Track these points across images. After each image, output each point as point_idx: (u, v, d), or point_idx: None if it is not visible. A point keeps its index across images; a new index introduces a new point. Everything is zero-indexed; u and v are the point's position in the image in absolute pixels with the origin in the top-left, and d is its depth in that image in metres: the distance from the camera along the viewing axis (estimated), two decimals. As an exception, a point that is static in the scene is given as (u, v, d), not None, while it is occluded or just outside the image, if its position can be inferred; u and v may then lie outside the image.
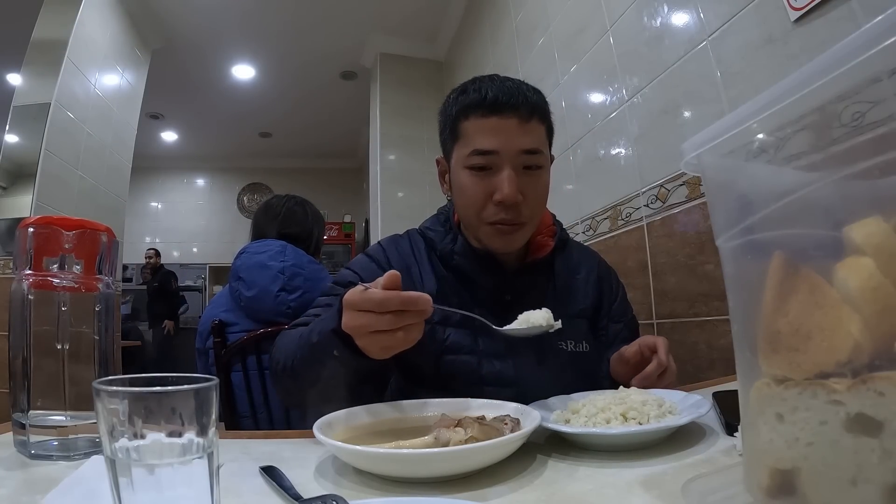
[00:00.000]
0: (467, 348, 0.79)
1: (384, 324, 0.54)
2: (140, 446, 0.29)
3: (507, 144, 0.75)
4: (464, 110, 0.78)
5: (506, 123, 0.75)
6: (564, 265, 0.91)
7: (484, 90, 0.76)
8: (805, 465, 0.28)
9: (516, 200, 0.75)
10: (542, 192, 0.80)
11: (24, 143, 2.48)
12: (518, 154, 0.75)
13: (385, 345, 0.55)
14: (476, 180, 0.77)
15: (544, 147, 0.79)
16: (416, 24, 3.65)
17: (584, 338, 0.86)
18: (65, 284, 0.53)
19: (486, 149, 0.75)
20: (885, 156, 0.24)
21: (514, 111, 0.74)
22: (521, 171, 0.76)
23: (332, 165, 6.64)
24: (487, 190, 0.76)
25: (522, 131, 0.75)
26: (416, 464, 0.44)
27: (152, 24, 3.47)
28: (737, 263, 0.35)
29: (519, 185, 0.75)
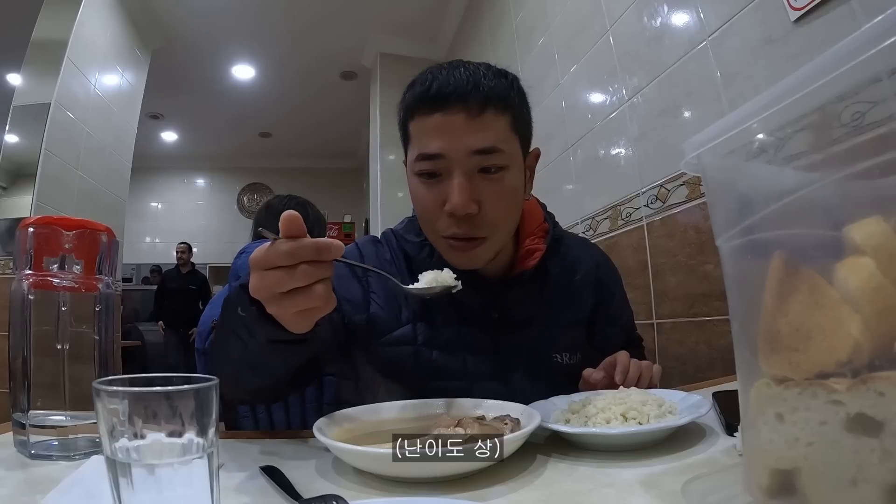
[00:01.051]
0: (456, 372, 0.73)
1: (298, 279, 0.44)
2: (140, 446, 0.29)
3: (454, 146, 0.64)
4: (409, 109, 0.68)
5: (451, 121, 0.63)
6: (559, 267, 0.81)
7: (429, 82, 0.65)
8: (805, 465, 0.28)
9: (469, 211, 0.64)
10: (507, 198, 0.67)
11: (24, 143, 2.49)
12: (468, 156, 0.64)
13: (303, 306, 0.46)
14: (426, 189, 0.67)
15: (506, 143, 0.66)
16: (416, 24, 3.65)
17: (580, 348, 0.79)
18: (65, 284, 0.53)
19: (429, 152, 0.65)
20: (885, 156, 0.24)
21: (460, 104, 0.63)
22: (475, 176, 0.65)
23: (332, 165, 6.64)
24: (438, 199, 0.66)
25: (472, 128, 0.63)
26: (416, 464, 0.44)
27: (152, 24, 3.47)
28: (737, 263, 0.35)
29: (474, 192, 0.64)
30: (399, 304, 0.76)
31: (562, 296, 0.80)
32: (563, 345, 0.77)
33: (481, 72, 0.66)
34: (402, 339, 0.74)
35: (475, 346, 0.74)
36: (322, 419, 0.55)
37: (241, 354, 0.54)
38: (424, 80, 0.66)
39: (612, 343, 0.83)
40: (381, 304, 0.75)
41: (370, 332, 0.74)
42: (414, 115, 0.67)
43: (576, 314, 0.81)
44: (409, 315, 0.75)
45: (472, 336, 0.74)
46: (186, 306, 4.69)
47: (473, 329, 0.75)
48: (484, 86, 0.64)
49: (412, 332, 0.74)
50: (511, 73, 0.72)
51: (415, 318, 0.75)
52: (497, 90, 0.65)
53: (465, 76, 0.64)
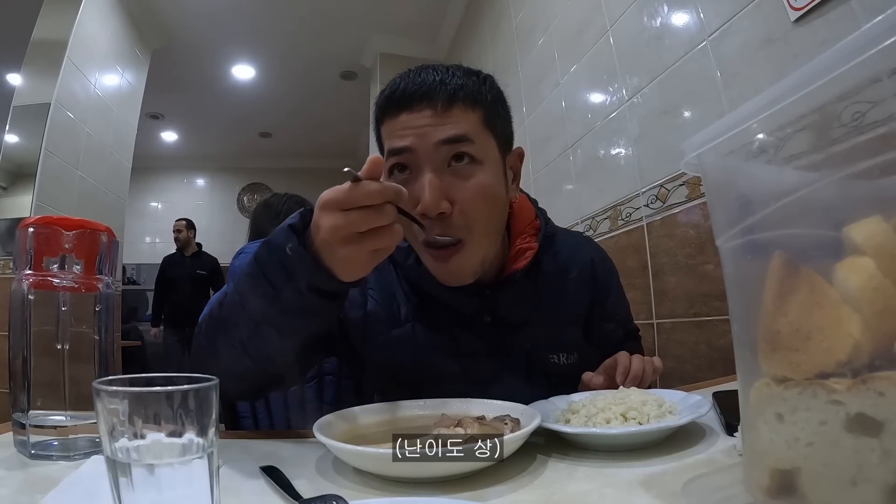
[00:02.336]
0: (451, 376, 0.72)
1: (386, 216, 0.46)
2: (140, 446, 0.29)
3: (421, 139, 0.61)
4: (380, 114, 0.67)
5: (418, 117, 0.62)
6: (553, 265, 0.79)
7: (395, 85, 0.64)
8: (805, 465, 0.28)
9: (440, 210, 0.61)
10: (481, 195, 0.63)
11: (24, 143, 2.49)
12: (436, 147, 0.61)
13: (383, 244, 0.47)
14: None
15: (478, 136, 0.63)
16: (416, 24, 3.65)
17: (576, 347, 0.77)
18: (65, 284, 0.53)
19: (397, 146, 0.63)
20: (885, 156, 0.24)
21: (426, 102, 0.62)
22: (445, 172, 0.62)
23: (333, 165, 6.61)
24: (411, 202, 0.61)
25: (440, 121, 0.62)
26: (417, 464, 0.44)
27: (152, 24, 3.47)
28: (737, 263, 0.35)
29: (445, 189, 0.61)
30: (397, 302, 0.74)
31: (556, 294, 0.79)
32: (559, 345, 0.76)
33: (451, 72, 0.65)
34: (401, 339, 0.73)
35: (469, 349, 0.74)
36: (322, 419, 0.55)
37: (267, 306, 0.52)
38: (393, 84, 0.65)
39: (610, 339, 0.82)
40: (377, 300, 0.75)
41: (366, 328, 0.74)
42: (384, 119, 0.66)
43: (571, 312, 0.80)
44: (408, 314, 0.74)
45: (466, 339, 0.74)
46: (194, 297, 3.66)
47: (467, 332, 0.74)
48: (451, 83, 0.63)
49: (412, 332, 0.73)
50: (485, 73, 0.70)
51: (414, 317, 0.74)
52: (465, 86, 0.64)
53: (433, 76, 0.64)
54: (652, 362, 0.70)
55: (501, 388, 0.70)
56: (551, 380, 0.74)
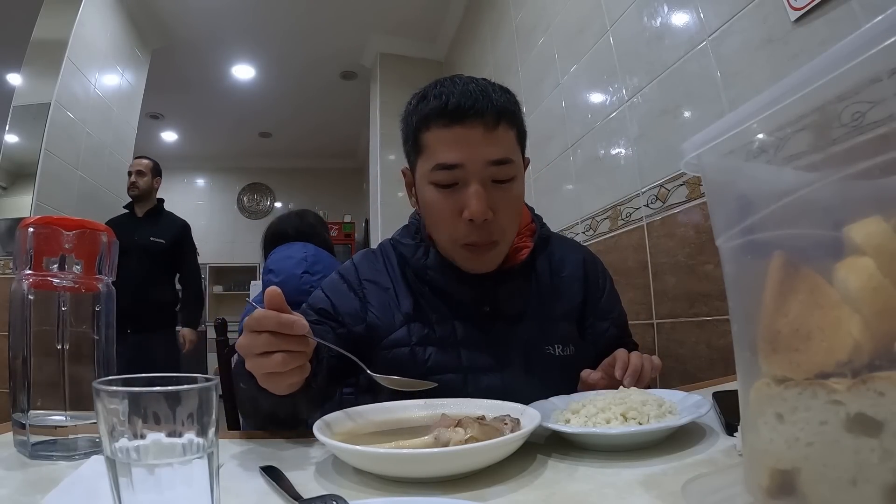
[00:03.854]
0: (452, 366, 0.75)
1: (260, 344, 0.50)
2: (140, 446, 0.29)
3: (472, 156, 0.68)
4: (424, 120, 0.71)
5: (470, 133, 0.68)
6: (546, 265, 0.85)
7: (445, 96, 0.69)
8: (805, 465, 0.28)
9: (488, 216, 0.69)
10: (516, 206, 0.74)
11: (24, 143, 2.48)
12: (485, 166, 0.69)
13: (265, 370, 0.51)
14: (442, 197, 0.71)
15: (515, 154, 0.72)
16: (416, 24, 3.65)
17: (571, 340, 0.81)
18: (65, 284, 0.53)
19: (450, 163, 0.69)
20: (885, 156, 0.24)
21: (478, 118, 0.68)
22: (489, 185, 0.70)
23: (333, 165, 6.64)
24: (455, 207, 0.70)
25: (489, 140, 0.68)
26: (416, 464, 0.44)
27: (152, 24, 3.47)
28: (737, 263, 0.35)
29: (489, 200, 0.69)
30: (392, 310, 0.79)
31: (550, 291, 0.83)
32: (554, 337, 0.80)
33: (491, 87, 0.71)
34: (397, 341, 0.77)
35: (469, 339, 0.77)
36: (322, 419, 0.55)
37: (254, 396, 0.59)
38: (440, 94, 0.70)
39: (604, 337, 0.86)
40: (376, 313, 0.79)
41: (370, 339, 0.78)
42: (430, 127, 0.71)
43: (565, 308, 0.84)
44: (402, 318, 0.78)
45: (465, 330, 0.77)
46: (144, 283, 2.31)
47: (466, 323, 0.78)
48: (496, 100, 0.69)
49: (406, 333, 0.77)
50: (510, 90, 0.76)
51: (407, 319, 0.78)
52: (506, 105, 0.70)
53: (479, 91, 0.69)
54: (651, 360, 0.72)
55: (500, 377, 0.75)
56: (548, 370, 0.77)
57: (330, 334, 0.76)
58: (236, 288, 6.20)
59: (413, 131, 0.73)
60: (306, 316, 0.77)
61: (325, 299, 0.80)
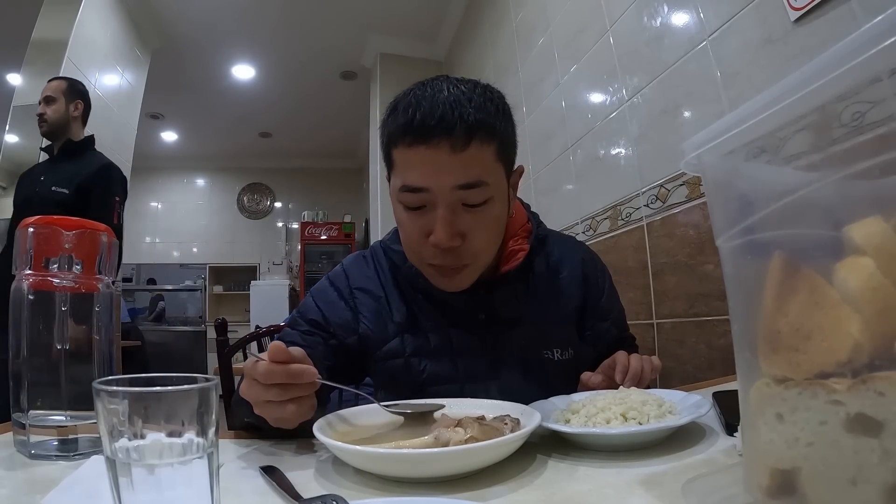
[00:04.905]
0: (447, 377, 0.74)
1: (272, 395, 0.52)
2: (140, 446, 0.29)
3: (437, 181, 0.63)
4: (392, 136, 0.66)
5: (436, 155, 0.62)
6: (544, 266, 0.82)
7: (412, 110, 0.62)
8: (805, 465, 0.28)
9: (452, 244, 0.65)
10: (490, 227, 0.68)
11: (24, 143, 2.48)
12: (452, 191, 0.63)
13: (277, 416, 0.53)
14: (410, 219, 0.68)
15: (490, 175, 0.65)
16: (416, 24, 3.65)
17: (570, 344, 0.79)
18: (65, 284, 0.53)
19: (414, 185, 0.64)
20: (885, 156, 0.24)
21: (444, 137, 0.61)
22: (459, 209, 0.65)
23: (333, 165, 6.64)
24: (424, 229, 0.66)
25: (457, 162, 0.62)
26: (416, 464, 0.44)
27: (152, 24, 3.47)
28: (737, 263, 0.35)
29: (458, 224, 0.65)
30: (385, 320, 0.78)
31: (548, 293, 0.81)
32: (553, 341, 0.78)
33: (467, 97, 0.63)
34: (391, 352, 0.76)
35: (464, 348, 0.75)
36: (322, 419, 0.55)
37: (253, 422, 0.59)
38: (407, 107, 0.63)
39: (604, 338, 0.84)
40: (369, 324, 0.78)
41: (363, 349, 0.78)
42: (397, 144, 0.65)
43: (564, 310, 0.82)
44: (395, 329, 0.77)
45: (461, 338, 0.76)
46: None
47: (462, 331, 0.76)
48: (469, 115, 0.61)
49: (400, 344, 0.76)
50: (496, 91, 0.69)
51: (401, 330, 0.77)
52: (483, 119, 0.63)
53: (450, 102, 0.62)
54: (651, 361, 0.71)
55: (498, 385, 0.73)
56: (547, 376, 0.76)
57: (321, 346, 0.75)
58: (236, 288, 6.20)
59: (385, 145, 0.69)
60: (297, 326, 0.79)
61: (317, 310, 0.79)
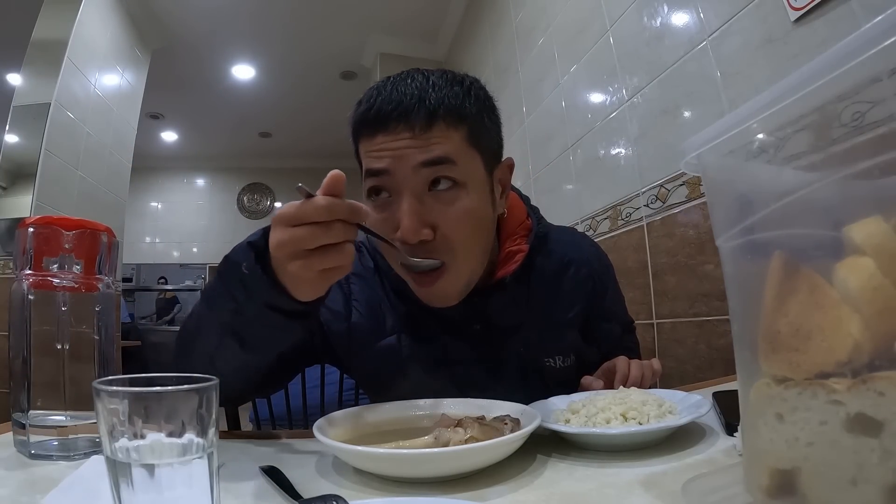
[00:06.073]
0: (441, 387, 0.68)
1: (334, 235, 0.44)
2: (140, 446, 0.29)
3: (399, 161, 0.57)
4: (354, 130, 0.62)
5: (395, 140, 0.57)
6: (546, 266, 0.75)
7: (372, 100, 0.59)
8: (805, 465, 0.28)
9: (420, 237, 0.57)
10: (465, 219, 0.60)
11: (24, 143, 2.48)
12: (416, 170, 0.57)
13: (331, 263, 0.45)
14: (378, 213, 0.61)
15: (461, 156, 0.59)
16: (416, 24, 3.65)
17: (573, 349, 0.75)
18: (65, 284, 0.53)
19: (375, 168, 0.59)
20: (885, 156, 0.24)
21: (403, 122, 0.57)
22: (426, 197, 0.58)
23: (332, 166, 6.47)
24: (391, 225, 0.59)
25: (419, 143, 0.57)
26: (416, 464, 0.44)
27: (152, 24, 3.47)
28: (737, 263, 0.35)
29: (426, 214, 0.58)
30: (383, 312, 0.72)
31: (551, 296, 0.75)
32: (555, 348, 0.74)
33: (431, 81, 0.60)
34: (386, 350, 0.71)
35: (461, 358, 0.71)
36: (322, 419, 0.55)
37: (230, 319, 0.51)
38: (368, 98, 0.60)
39: (609, 339, 0.81)
40: (362, 312, 0.72)
41: (350, 341, 0.72)
42: (360, 138, 0.62)
43: (567, 313, 0.76)
44: (394, 324, 0.72)
45: (457, 348, 0.71)
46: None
47: (458, 341, 0.71)
48: (431, 98, 0.58)
49: (397, 343, 0.71)
50: (471, 79, 0.64)
51: (399, 328, 0.71)
52: (447, 102, 0.58)
53: (412, 89, 0.58)
54: (651, 366, 0.70)
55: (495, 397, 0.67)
56: (548, 384, 0.72)
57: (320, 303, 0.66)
58: (236, 288, 6.19)
59: (354, 143, 0.64)
60: None
61: None
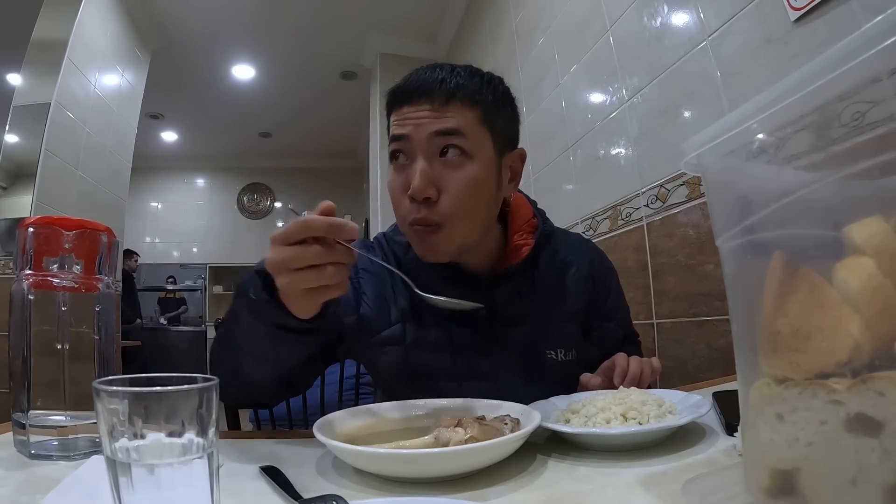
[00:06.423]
0: (445, 372, 0.73)
1: (311, 256, 0.47)
2: (140, 446, 0.29)
3: (417, 129, 0.67)
4: (388, 109, 0.73)
5: (417, 110, 0.67)
6: (550, 262, 0.80)
7: (403, 82, 0.71)
8: (805, 465, 0.28)
9: (427, 195, 0.65)
10: (467, 187, 0.67)
11: (24, 143, 2.48)
12: (430, 138, 0.66)
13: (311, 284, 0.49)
14: (395, 175, 0.70)
15: (471, 131, 0.67)
16: (416, 24, 3.65)
17: (574, 344, 0.78)
18: (65, 284, 0.53)
19: (397, 133, 0.69)
20: (885, 156, 0.24)
21: (425, 97, 0.67)
22: (436, 162, 0.67)
23: (333, 165, 6.64)
24: (404, 184, 0.68)
25: (436, 115, 0.67)
26: (416, 464, 0.44)
27: (152, 24, 3.47)
28: (737, 263, 0.35)
29: (434, 176, 0.66)
30: (388, 304, 0.76)
31: (554, 291, 0.79)
32: (556, 341, 0.77)
33: (455, 71, 0.70)
34: (390, 339, 0.75)
35: (464, 345, 0.74)
36: (322, 419, 0.55)
37: (245, 341, 0.58)
38: (403, 80, 0.71)
39: (610, 339, 0.82)
40: (370, 305, 0.77)
41: (360, 332, 0.76)
42: (392, 111, 0.71)
43: (569, 309, 0.80)
44: (398, 315, 0.76)
45: (461, 335, 0.74)
46: None
47: (462, 328, 0.74)
48: (451, 81, 0.68)
49: (401, 331, 0.75)
50: (495, 76, 0.74)
51: (404, 317, 0.75)
52: (465, 86, 0.68)
53: (437, 75, 0.69)
54: (650, 363, 0.70)
55: (498, 384, 0.72)
56: (548, 376, 0.74)
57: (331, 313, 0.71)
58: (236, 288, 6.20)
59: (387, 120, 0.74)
60: None
61: None
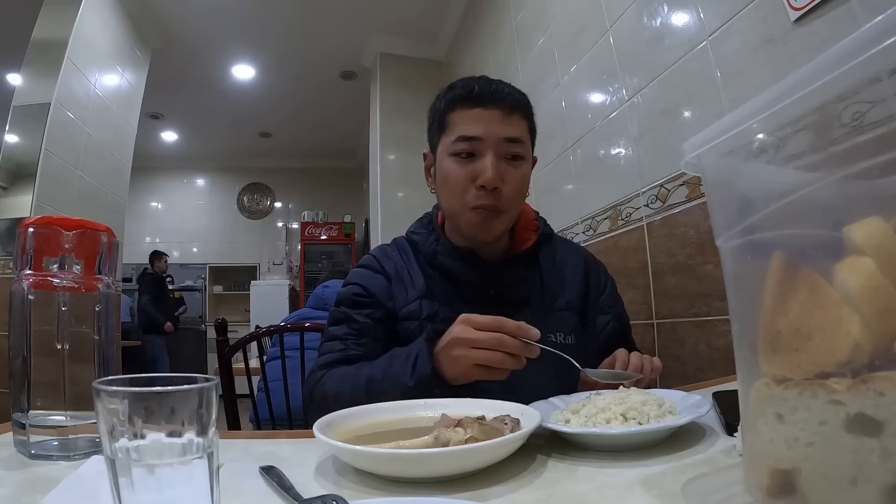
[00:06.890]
0: None
1: (493, 341, 0.62)
2: (140, 446, 0.29)
3: (489, 132, 0.79)
4: (451, 103, 0.83)
5: (489, 113, 0.79)
6: (550, 259, 0.93)
7: (470, 85, 0.81)
8: (805, 465, 0.28)
9: (497, 185, 0.78)
10: (521, 183, 0.83)
11: (24, 143, 2.48)
12: (500, 142, 0.79)
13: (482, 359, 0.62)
14: (459, 166, 0.81)
15: (526, 139, 0.82)
16: (416, 24, 3.65)
17: (573, 330, 0.87)
18: (65, 284, 0.53)
19: (470, 135, 0.79)
20: (885, 156, 0.24)
21: (497, 103, 0.79)
22: (502, 159, 0.80)
23: (333, 165, 6.64)
24: (471, 175, 0.80)
25: (505, 122, 0.80)
26: (416, 464, 0.44)
27: (152, 24, 3.47)
28: (737, 263, 0.35)
29: (500, 171, 0.79)
30: (407, 286, 0.87)
31: (552, 285, 0.90)
32: (556, 326, 0.85)
33: (509, 86, 0.84)
34: (409, 314, 0.85)
35: None
36: (322, 419, 0.55)
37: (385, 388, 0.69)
38: (467, 84, 0.82)
39: (606, 330, 0.91)
40: (395, 289, 0.88)
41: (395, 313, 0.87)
42: (455, 108, 0.82)
43: (567, 299, 0.90)
44: (416, 293, 0.86)
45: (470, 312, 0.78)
46: None
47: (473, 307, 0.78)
48: (514, 93, 0.83)
49: (418, 307, 0.85)
50: None
51: (420, 295, 0.86)
52: (521, 100, 0.84)
53: (502, 87, 0.82)
54: (651, 360, 0.73)
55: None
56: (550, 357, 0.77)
57: (371, 324, 0.84)
58: (236, 288, 6.20)
59: (440, 114, 0.85)
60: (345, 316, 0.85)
61: (356, 286, 0.87)
